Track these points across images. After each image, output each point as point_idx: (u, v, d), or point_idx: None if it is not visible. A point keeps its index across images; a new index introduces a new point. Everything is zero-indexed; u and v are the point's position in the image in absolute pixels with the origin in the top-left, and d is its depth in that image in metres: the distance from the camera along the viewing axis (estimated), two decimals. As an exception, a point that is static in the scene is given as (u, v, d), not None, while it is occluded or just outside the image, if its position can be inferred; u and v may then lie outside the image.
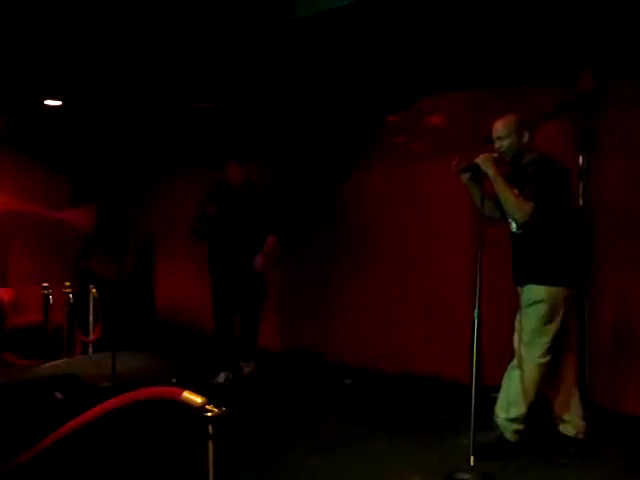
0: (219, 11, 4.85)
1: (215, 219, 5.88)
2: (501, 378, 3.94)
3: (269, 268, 6.03)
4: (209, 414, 2.46)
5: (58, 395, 4.59)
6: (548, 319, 3.71)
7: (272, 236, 5.88)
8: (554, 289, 3.71)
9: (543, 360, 3.73)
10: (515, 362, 3.81)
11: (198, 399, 2.52)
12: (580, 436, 3.85)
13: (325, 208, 6.97)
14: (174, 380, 5.49)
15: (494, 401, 3.95)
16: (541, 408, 3.93)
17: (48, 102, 7.41)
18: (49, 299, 7.20)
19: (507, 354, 4.11)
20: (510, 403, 3.74)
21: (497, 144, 3.83)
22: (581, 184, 4.90)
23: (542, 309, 3.71)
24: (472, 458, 3.42)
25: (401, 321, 6.19)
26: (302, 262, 7.20)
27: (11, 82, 6.45)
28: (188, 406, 2.54)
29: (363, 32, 4.97)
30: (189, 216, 6.63)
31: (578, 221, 3.94)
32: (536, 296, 3.73)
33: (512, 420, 3.73)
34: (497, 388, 3.95)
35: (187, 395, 2.57)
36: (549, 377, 3.86)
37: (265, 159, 7.55)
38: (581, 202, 4.91)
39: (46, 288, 7.20)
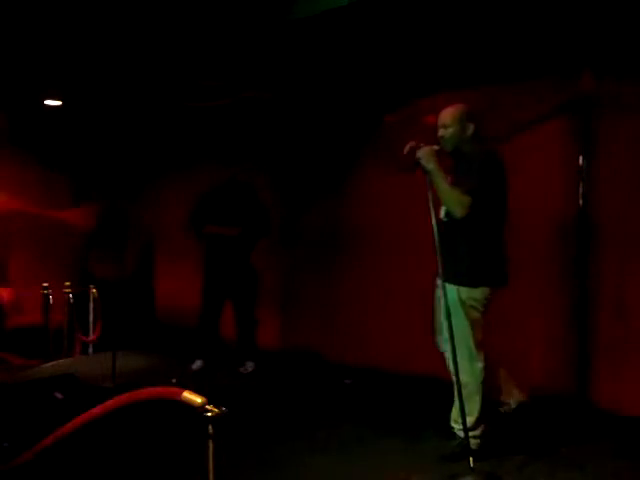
0: (219, 11, 4.85)
1: (212, 214, 6.10)
2: (499, 379, 3.93)
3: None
4: (209, 414, 2.46)
5: (58, 395, 4.59)
6: (473, 321, 3.67)
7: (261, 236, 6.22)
8: (477, 290, 3.67)
9: (480, 364, 3.68)
10: (452, 368, 3.70)
11: (198, 399, 2.52)
12: (524, 399, 3.84)
13: (326, 208, 6.98)
14: (174, 380, 5.48)
15: (494, 402, 3.95)
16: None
17: (48, 102, 7.42)
18: (49, 299, 7.20)
19: (505, 354, 4.10)
20: (460, 414, 3.65)
21: (440, 132, 3.78)
22: (581, 184, 4.91)
23: (468, 311, 3.66)
24: (471, 459, 3.41)
25: (401, 321, 6.18)
26: (302, 262, 7.20)
27: (12, 82, 6.45)
28: (188, 406, 2.54)
29: (363, 32, 4.97)
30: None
31: (505, 221, 3.81)
32: (461, 297, 3.66)
33: (468, 429, 3.63)
34: (497, 389, 3.94)
35: (187, 395, 2.57)
36: None
37: (265, 158, 7.56)
38: (581, 203, 4.91)
39: (46, 288, 7.20)
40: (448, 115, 3.78)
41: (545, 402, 4.06)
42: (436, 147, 3.73)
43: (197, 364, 6.12)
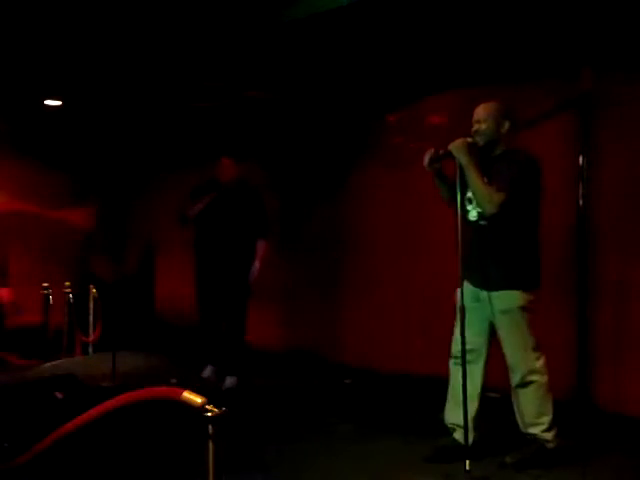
0: (218, 11, 4.85)
1: (203, 215, 5.72)
2: (498, 378, 3.92)
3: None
4: (209, 414, 2.46)
5: (58, 395, 4.59)
6: (529, 324, 3.62)
7: (263, 241, 5.73)
8: (531, 293, 3.63)
9: (542, 360, 3.67)
10: (517, 380, 3.68)
11: (198, 399, 2.52)
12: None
13: (325, 208, 6.98)
14: (174, 380, 5.48)
15: (493, 401, 3.95)
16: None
17: (48, 102, 7.42)
18: (49, 299, 7.21)
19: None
20: (538, 416, 3.64)
21: (475, 126, 3.73)
22: (581, 184, 4.90)
23: (524, 315, 3.61)
24: (467, 462, 3.40)
25: (401, 321, 6.19)
26: (302, 262, 7.21)
27: (12, 82, 6.45)
28: (188, 406, 2.54)
29: (362, 32, 4.97)
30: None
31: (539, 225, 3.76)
32: (516, 302, 3.60)
33: (547, 430, 3.65)
34: (495, 389, 3.94)
35: (187, 395, 2.57)
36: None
37: (265, 159, 7.56)
38: (581, 202, 4.91)
39: (46, 288, 7.21)
40: (484, 110, 3.74)
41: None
42: (469, 139, 3.67)
43: (208, 371, 5.81)
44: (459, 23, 4.69)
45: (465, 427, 3.54)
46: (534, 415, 3.66)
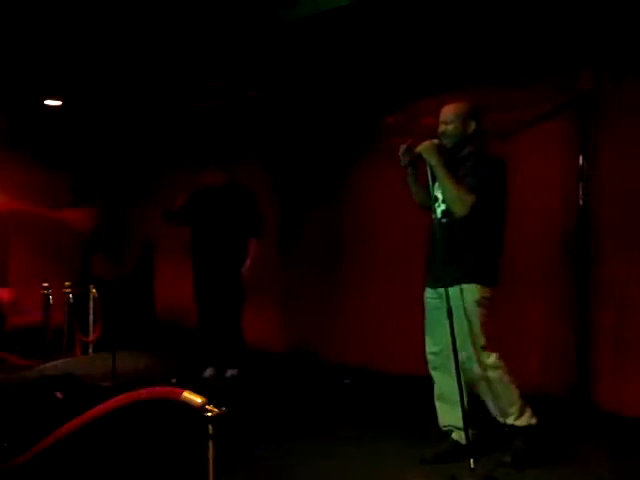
0: (219, 11, 4.85)
1: (197, 219, 5.96)
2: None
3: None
4: (209, 414, 2.46)
5: (58, 395, 4.59)
6: (483, 320, 3.58)
7: (254, 240, 5.87)
8: (488, 289, 3.61)
9: (495, 353, 3.60)
10: (471, 377, 3.64)
11: (198, 399, 2.52)
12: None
13: (325, 208, 6.98)
14: (174, 380, 5.48)
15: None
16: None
17: (48, 102, 7.42)
18: (49, 299, 7.20)
19: (505, 354, 4.08)
20: (508, 406, 3.62)
21: (441, 127, 3.71)
22: (581, 184, 4.91)
23: (478, 310, 3.58)
24: (471, 460, 3.40)
25: (401, 321, 6.18)
26: (302, 262, 7.20)
27: (12, 82, 6.46)
28: (188, 406, 2.54)
29: (362, 32, 4.97)
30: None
31: (505, 224, 3.73)
32: (472, 296, 3.57)
33: (520, 416, 3.62)
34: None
35: (187, 395, 2.58)
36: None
37: (265, 159, 7.56)
38: (581, 202, 4.91)
39: (46, 288, 7.20)
40: (450, 111, 3.71)
41: (545, 402, 4.04)
42: (436, 141, 3.66)
43: (209, 372, 5.93)
44: (459, 23, 4.70)
45: (465, 427, 3.53)
46: (504, 406, 3.63)
